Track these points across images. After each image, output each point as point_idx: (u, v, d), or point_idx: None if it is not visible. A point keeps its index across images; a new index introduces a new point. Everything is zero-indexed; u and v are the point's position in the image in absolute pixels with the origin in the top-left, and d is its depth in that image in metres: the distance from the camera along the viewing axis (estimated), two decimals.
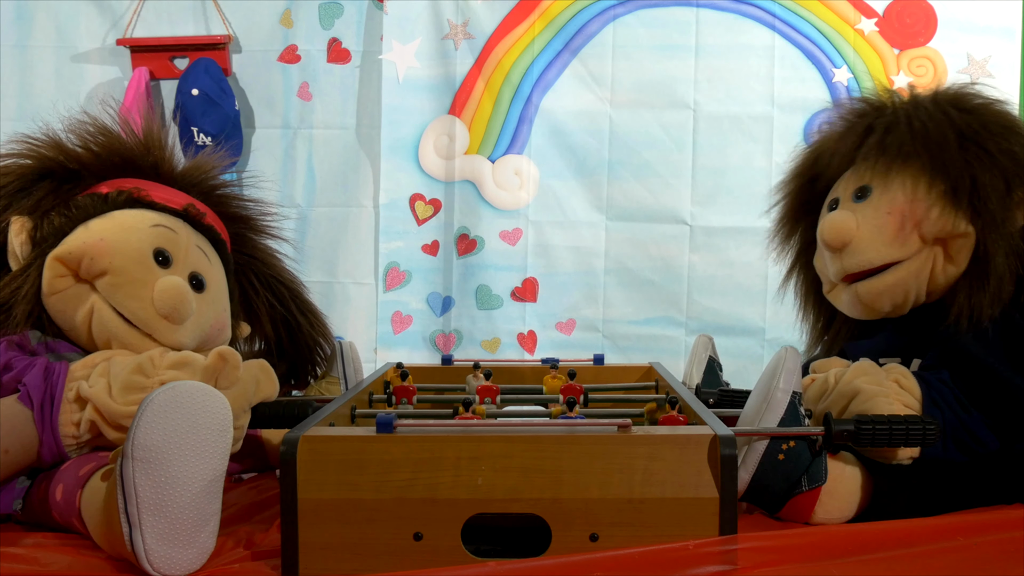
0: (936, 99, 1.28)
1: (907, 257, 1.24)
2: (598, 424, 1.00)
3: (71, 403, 1.11)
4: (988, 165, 1.18)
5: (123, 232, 1.24)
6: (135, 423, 0.91)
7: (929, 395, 1.11)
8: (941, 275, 1.24)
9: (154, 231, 1.27)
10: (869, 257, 1.25)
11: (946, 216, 1.20)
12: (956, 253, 1.22)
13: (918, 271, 1.24)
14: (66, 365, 1.14)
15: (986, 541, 0.94)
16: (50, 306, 1.23)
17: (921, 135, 1.22)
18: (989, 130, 1.21)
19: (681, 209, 2.51)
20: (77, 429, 1.11)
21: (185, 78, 2.52)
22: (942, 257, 1.23)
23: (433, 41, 2.54)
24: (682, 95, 2.50)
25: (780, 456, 1.05)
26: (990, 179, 1.18)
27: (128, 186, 1.30)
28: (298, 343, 1.52)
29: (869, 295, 1.27)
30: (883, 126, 1.27)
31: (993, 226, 1.18)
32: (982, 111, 1.25)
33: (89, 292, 1.23)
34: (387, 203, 2.56)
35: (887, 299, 1.27)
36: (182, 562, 0.92)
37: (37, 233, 1.24)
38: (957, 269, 1.22)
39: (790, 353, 1.08)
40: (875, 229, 1.24)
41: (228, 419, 0.96)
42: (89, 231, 1.24)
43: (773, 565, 0.88)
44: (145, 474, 0.91)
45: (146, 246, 1.25)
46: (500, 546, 0.94)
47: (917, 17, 2.46)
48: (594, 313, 2.54)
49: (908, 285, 1.25)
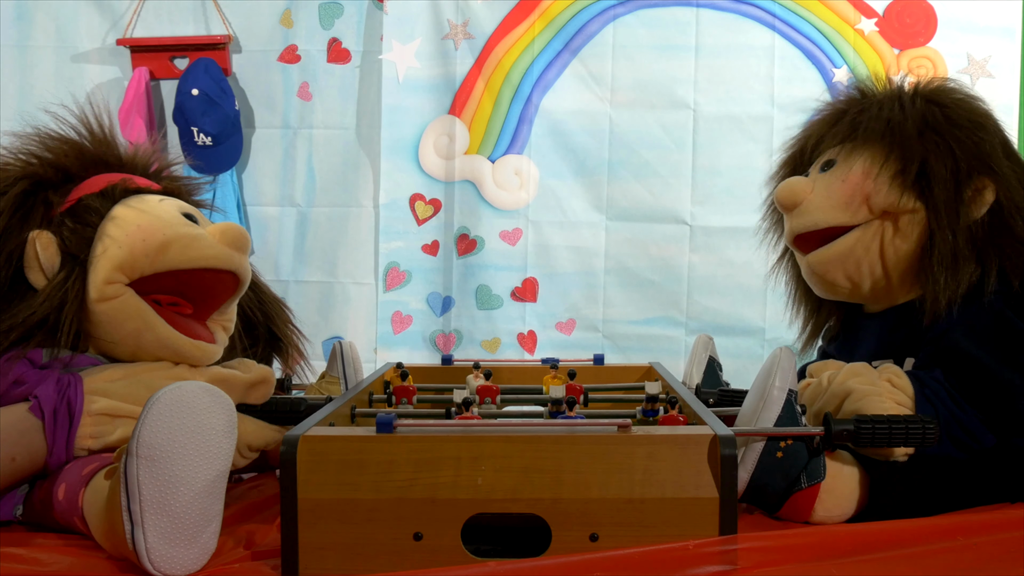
0: (916, 91, 1.34)
1: (853, 223, 1.27)
2: (598, 424, 1.00)
3: (92, 416, 1.12)
4: (941, 153, 1.24)
5: (149, 211, 1.25)
6: (140, 421, 0.91)
7: (922, 392, 1.13)
8: (891, 249, 1.27)
9: (167, 201, 1.28)
10: (815, 218, 1.30)
11: (893, 192, 1.25)
12: (905, 228, 1.25)
13: (869, 243, 1.27)
14: (79, 377, 1.14)
15: (986, 541, 0.95)
16: (98, 314, 1.20)
17: (886, 120, 1.29)
18: (953, 122, 1.26)
19: (681, 209, 2.51)
20: (95, 443, 1.12)
21: (185, 78, 2.52)
22: (891, 231, 1.26)
23: (433, 41, 2.54)
24: (682, 95, 2.50)
25: (778, 454, 1.06)
26: (938, 165, 1.23)
27: (115, 179, 1.30)
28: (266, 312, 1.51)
29: (820, 264, 1.32)
30: (856, 110, 1.34)
31: (937, 209, 1.23)
32: (952, 105, 1.30)
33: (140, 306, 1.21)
34: (387, 203, 2.56)
35: (839, 269, 1.30)
36: (183, 562, 0.92)
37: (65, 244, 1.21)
38: (907, 245, 1.26)
39: (784, 352, 1.09)
40: (826, 193, 1.30)
41: (233, 420, 0.97)
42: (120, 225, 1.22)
43: (773, 565, 0.88)
44: (149, 472, 0.91)
45: (176, 212, 1.27)
46: (500, 546, 0.94)
47: (917, 17, 2.46)
48: (594, 313, 2.54)
49: (859, 256, 1.28)
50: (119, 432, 1.13)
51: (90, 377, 1.16)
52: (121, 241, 1.20)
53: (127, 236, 1.21)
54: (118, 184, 1.28)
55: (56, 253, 1.21)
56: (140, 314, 1.21)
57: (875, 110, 1.31)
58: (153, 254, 1.21)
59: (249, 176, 2.63)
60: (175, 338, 1.23)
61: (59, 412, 1.11)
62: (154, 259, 1.21)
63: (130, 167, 1.36)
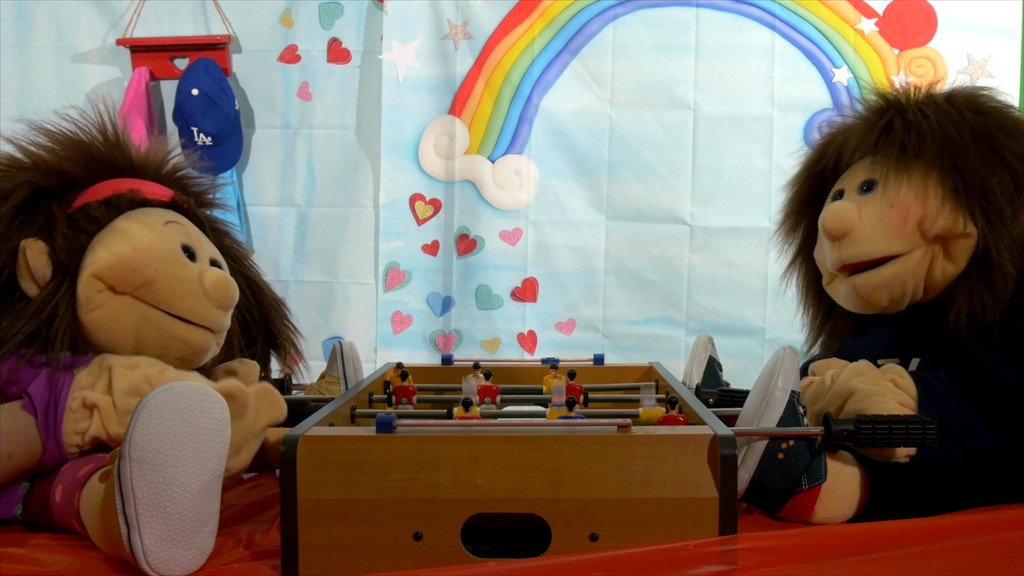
0: (951, 99, 1.29)
1: (905, 252, 1.24)
2: (598, 424, 1.00)
3: (74, 411, 1.11)
4: (999, 167, 1.20)
5: (149, 237, 1.23)
6: (132, 424, 0.91)
7: (925, 394, 1.12)
8: (939, 273, 1.24)
9: (170, 228, 1.27)
10: (867, 249, 1.25)
11: (950, 215, 1.21)
12: (956, 252, 1.22)
13: (916, 267, 1.24)
14: (71, 374, 1.14)
15: (986, 541, 0.94)
16: (90, 322, 1.20)
17: (939, 135, 1.24)
18: (1004, 132, 1.23)
19: (681, 209, 2.51)
20: (81, 438, 1.12)
21: (185, 78, 2.52)
22: (941, 256, 1.23)
23: (433, 41, 2.55)
24: (682, 95, 2.50)
25: (780, 455, 1.06)
26: (999, 181, 1.19)
27: (123, 188, 1.29)
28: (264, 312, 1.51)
29: (867, 288, 1.28)
30: (902, 124, 1.28)
31: (1000, 227, 1.19)
32: (995, 114, 1.26)
33: (132, 303, 1.21)
34: (387, 203, 2.56)
35: (884, 293, 1.27)
36: (181, 562, 0.92)
37: (56, 253, 1.21)
38: (955, 268, 1.23)
39: (788, 353, 1.08)
40: (877, 222, 1.25)
41: (226, 419, 0.96)
42: (116, 242, 1.21)
43: (773, 565, 0.88)
44: (143, 475, 0.90)
45: (175, 245, 1.25)
46: (500, 546, 0.94)
47: (917, 17, 2.46)
48: (594, 313, 2.54)
49: (906, 280, 1.25)
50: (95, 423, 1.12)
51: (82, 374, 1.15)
52: (111, 260, 1.20)
53: (119, 257, 1.20)
54: (125, 195, 1.27)
55: (47, 263, 1.20)
56: (134, 310, 1.21)
57: (922, 123, 1.25)
58: (136, 285, 1.21)
59: (249, 176, 2.63)
60: (176, 325, 1.23)
61: (48, 409, 1.11)
62: (136, 289, 1.21)
63: (141, 171, 1.35)
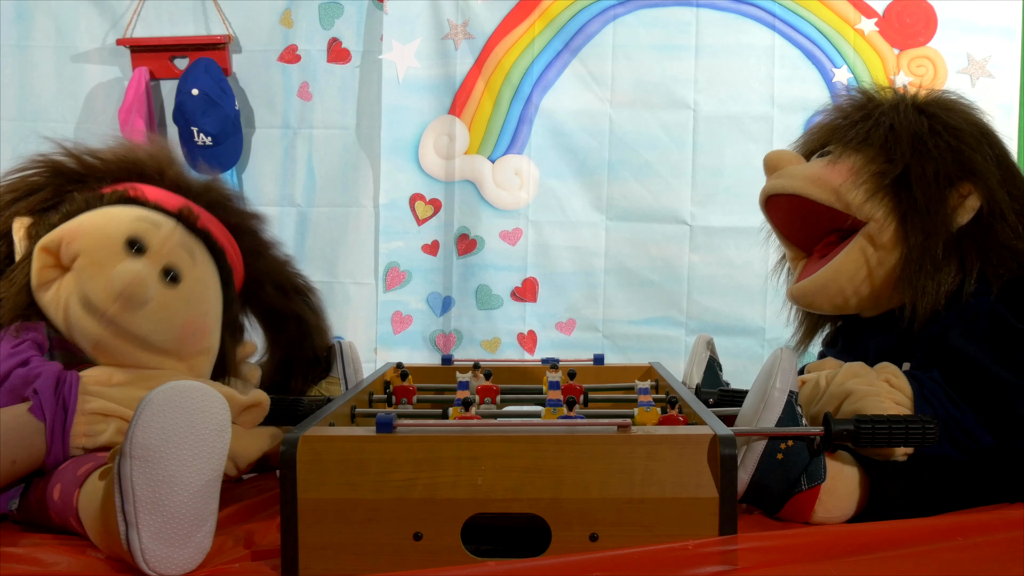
0: (915, 101, 1.34)
1: (817, 198, 1.28)
2: (598, 424, 1.00)
3: (86, 415, 1.12)
4: (923, 159, 1.25)
5: (103, 220, 1.24)
6: (133, 422, 0.91)
7: (920, 393, 1.13)
8: (877, 265, 1.26)
9: (135, 223, 1.24)
10: (786, 183, 1.33)
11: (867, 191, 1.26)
12: (887, 242, 1.24)
13: (852, 272, 1.27)
14: (76, 376, 1.14)
15: (986, 541, 0.95)
16: (43, 303, 1.22)
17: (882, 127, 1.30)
18: (938, 130, 1.27)
19: (681, 209, 2.51)
20: (90, 441, 1.12)
21: (185, 78, 2.52)
22: (872, 250, 1.26)
23: (433, 41, 2.54)
24: (682, 95, 2.50)
25: (779, 456, 1.06)
26: (918, 170, 1.24)
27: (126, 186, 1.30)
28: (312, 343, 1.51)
29: (804, 297, 1.33)
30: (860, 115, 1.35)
31: (913, 214, 1.23)
32: (943, 114, 1.30)
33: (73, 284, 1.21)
34: (387, 203, 2.56)
35: (823, 299, 1.31)
36: (178, 561, 0.92)
37: (33, 230, 1.24)
38: (892, 258, 1.25)
39: (786, 353, 1.09)
40: (808, 167, 1.33)
41: (226, 420, 0.96)
42: (74, 221, 1.23)
43: (773, 565, 0.88)
44: (143, 473, 0.91)
45: (120, 233, 1.23)
46: (500, 546, 0.94)
47: (917, 17, 2.46)
48: (594, 313, 2.54)
49: (842, 285, 1.28)
50: (111, 432, 1.13)
51: (89, 376, 1.16)
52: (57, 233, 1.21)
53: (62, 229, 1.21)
54: (120, 190, 1.28)
55: (24, 237, 1.24)
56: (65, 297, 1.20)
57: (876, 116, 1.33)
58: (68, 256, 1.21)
59: (249, 176, 2.63)
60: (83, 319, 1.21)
61: (56, 415, 1.11)
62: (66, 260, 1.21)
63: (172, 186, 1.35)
